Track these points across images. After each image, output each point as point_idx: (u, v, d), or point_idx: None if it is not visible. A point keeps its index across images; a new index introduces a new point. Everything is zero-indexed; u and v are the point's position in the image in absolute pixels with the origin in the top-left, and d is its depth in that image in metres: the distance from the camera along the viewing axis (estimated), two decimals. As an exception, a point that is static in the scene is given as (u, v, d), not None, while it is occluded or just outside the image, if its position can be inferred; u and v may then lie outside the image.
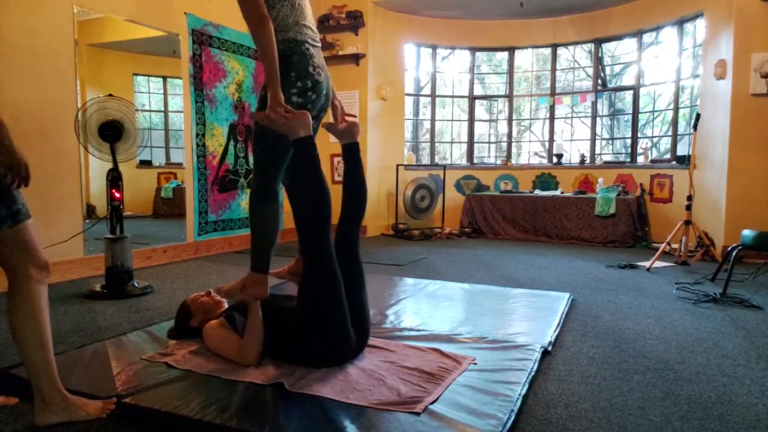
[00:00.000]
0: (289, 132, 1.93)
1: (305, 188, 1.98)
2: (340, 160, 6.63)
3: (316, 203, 1.96)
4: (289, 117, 1.90)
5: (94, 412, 1.67)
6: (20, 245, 1.60)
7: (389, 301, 3.13)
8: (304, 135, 1.92)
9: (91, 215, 4.29)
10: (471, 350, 2.25)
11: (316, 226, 1.97)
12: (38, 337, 1.63)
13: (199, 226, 4.94)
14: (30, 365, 1.63)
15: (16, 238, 1.59)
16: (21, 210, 1.60)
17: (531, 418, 1.69)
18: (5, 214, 1.55)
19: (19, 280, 1.62)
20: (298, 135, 1.92)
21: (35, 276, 1.63)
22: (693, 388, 1.96)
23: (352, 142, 2.27)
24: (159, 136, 5.58)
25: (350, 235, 2.22)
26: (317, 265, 1.98)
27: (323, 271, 1.97)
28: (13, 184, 1.54)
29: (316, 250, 1.97)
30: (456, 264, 4.66)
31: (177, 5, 4.61)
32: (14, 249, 1.59)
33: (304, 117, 1.93)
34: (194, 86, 4.80)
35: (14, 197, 1.58)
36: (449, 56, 7.86)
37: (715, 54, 5.07)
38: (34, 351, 1.62)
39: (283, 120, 1.90)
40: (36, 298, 1.63)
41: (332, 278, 1.97)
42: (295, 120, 1.91)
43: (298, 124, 1.91)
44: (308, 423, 1.60)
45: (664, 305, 3.21)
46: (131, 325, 2.69)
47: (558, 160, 7.04)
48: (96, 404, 1.70)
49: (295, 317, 2.02)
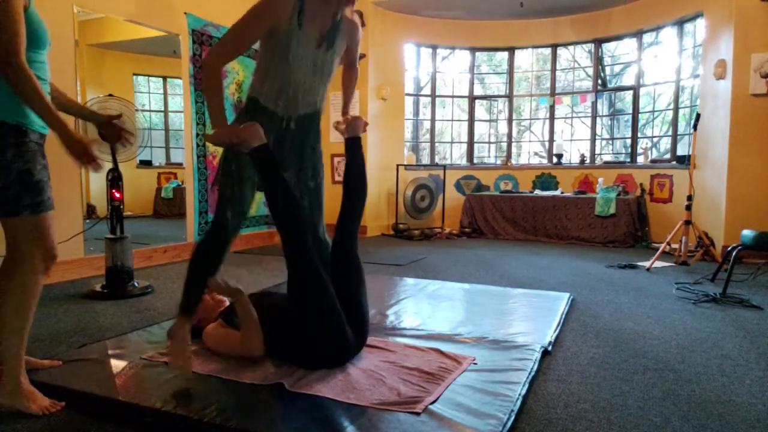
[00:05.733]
0: (241, 144, 1.94)
1: (271, 193, 2.01)
2: (340, 160, 6.63)
3: (283, 207, 1.99)
4: (238, 130, 1.93)
5: (34, 408, 1.69)
6: (35, 234, 1.70)
7: (389, 301, 3.13)
8: (257, 144, 1.94)
9: (91, 215, 4.29)
10: (471, 350, 2.25)
11: (287, 227, 2.00)
12: (20, 324, 1.70)
13: (200, 226, 4.94)
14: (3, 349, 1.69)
15: (33, 226, 1.69)
16: (44, 201, 1.70)
17: (531, 418, 1.69)
18: (28, 202, 1.66)
19: (23, 267, 1.69)
20: (252, 145, 1.94)
21: (39, 267, 1.71)
22: (693, 388, 1.96)
23: (352, 136, 2.28)
24: (159, 136, 5.59)
25: (348, 233, 2.22)
26: (295, 265, 2.00)
27: (303, 270, 1.99)
28: (84, 164, 1.71)
29: (291, 250, 2.01)
30: (456, 264, 4.66)
31: (177, 5, 4.61)
32: (28, 236, 1.69)
33: (254, 128, 1.94)
34: (194, 86, 4.80)
35: (42, 189, 1.70)
36: (449, 56, 7.86)
37: (715, 54, 5.07)
38: (12, 335, 1.69)
39: (233, 133, 1.92)
40: (32, 288, 1.71)
41: (314, 278, 1.98)
42: (246, 132, 1.92)
43: (250, 135, 1.93)
44: (308, 423, 1.60)
45: (664, 305, 3.21)
46: (131, 325, 2.69)
47: (558, 160, 7.04)
48: (43, 401, 1.72)
49: (289, 315, 2.04)
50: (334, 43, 2.07)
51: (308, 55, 2.02)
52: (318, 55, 2.05)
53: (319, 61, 2.06)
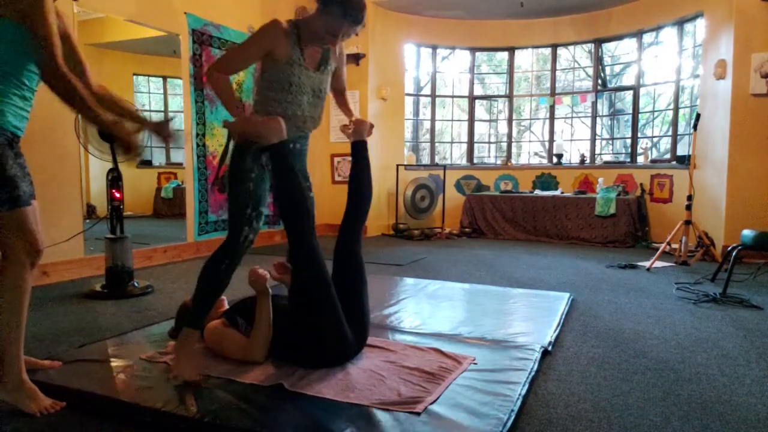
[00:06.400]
0: (261, 138, 1.94)
1: (283, 191, 2.01)
2: (340, 160, 6.63)
3: (293, 205, 2.00)
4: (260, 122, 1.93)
5: (34, 408, 1.69)
6: (16, 229, 1.69)
7: (389, 301, 3.13)
8: (276, 141, 1.94)
9: (91, 215, 4.29)
10: (471, 350, 2.25)
11: (296, 226, 2.01)
12: (15, 319, 1.71)
13: (200, 226, 4.94)
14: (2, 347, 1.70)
15: (13, 221, 1.68)
16: (21, 196, 1.69)
17: (531, 418, 1.69)
18: (5, 197, 1.65)
19: (10, 263, 1.70)
20: (271, 141, 1.93)
21: (24, 261, 1.71)
22: (693, 388, 1.96)
23: (357, 140, 2.28)
24: (159, 136, 5.58)
25: (352, 235, 2.23)
26: (302, 263, 2.01)
27: (308, 268, 1.99)
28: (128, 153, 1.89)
29: (298, 249, 2.01)
30: (456, 264, 4.66)
31: (177, 5, 4.61)
32: (10, 232, 1.69)
33: (276, 122, 1.94)
34: (194, 86, 4.80)
35: (16, 183, 1.68)
36: (449, 56, 7.86)
37: (715, 54, 5.07)
38: (9, 332, 1.70)
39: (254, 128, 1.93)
40: (22, 283, 1.71)
41: (319, 277, 1.98)
42: (267, 128, 1.92)
43: (270, 130, 1.93)
44: (308, 423, 1.60)
45: (664, 305, 3.21)
46: (132, 324, 2.69)
47: (558, 160, 7.04)
48: (43, 401, 1.72)
49: (290, 316, 2.03)
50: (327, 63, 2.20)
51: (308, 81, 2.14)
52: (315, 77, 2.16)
53: (317, 83, 2.18)
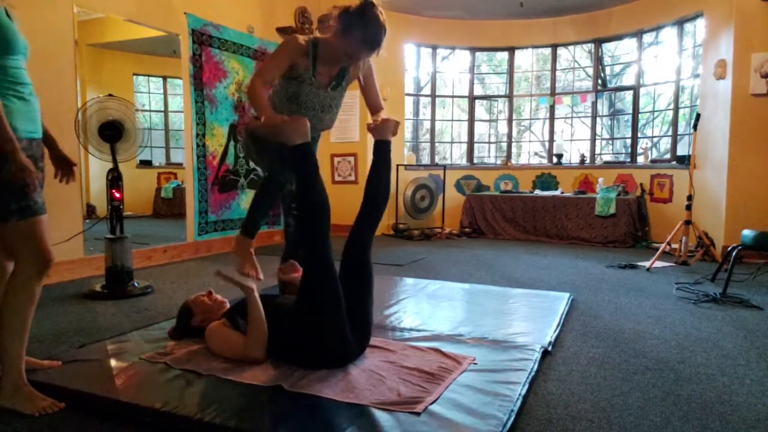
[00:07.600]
0: (285, 138, 1.93)
1: (304, 192, 2.01)
2: (340, 160, 6.63)
3: (314, 205, 2.00)
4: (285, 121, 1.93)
5: (32, 409, 1.70)
6: (26, 239, 1.72)
7: (389, 301, 3.13)
8: (300, 142, 1.93)
9: (91, 215, 4.29)
10: (471, 350, 2.25)
11: (314, 227, 2.00)
12: (20, 325, 1.73)
13: (200, 226, 4.94)
14: (3, 350, 1.73)
15: (23, 231, 1.71)
16: (31, 206, 1.71)
17: (531, 418, 1.69)
18: (15, 208, 1.68)
19: (21, 271, 1.73)
20: (294, 142, 1.93)
21: (34, 270, 1.74)
22: (693, 388, 1.96)
23: (380, 140, 2.26)
24: (159, 136, 5.59)
25: (363, 239, 2.19)
26: (314, 263, 2.00)
27: (320, 269, 1.99)
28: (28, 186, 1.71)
29: (313, 249, 2.01)
30: (456, 264, 4.65)
31: (177, 5, 4.61)
32: (20, 241, 1.72)
33: (301, 123, 1.93)
34: (194, 86, 4.80)
35: (27, 194, 1.70)
36: (449, 56, 7.86)
37: (715, 54, 5.07)
38: (12, 339, 1.73)
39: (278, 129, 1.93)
40: (30, 291, 1.74)
41: (328, 276, 1.98)
42: (291, 129, 1.92)
43: (294, 130, 1.92)
44: (308, 423, 1.60)
45: (664, 305, 3.21)
46: (131, 325, 2.69)
47: (558, 160, 7.04)
48: (42, 402, 1.72)
49: (292, 316, 2.03)
50: (342, 80, 2.29)
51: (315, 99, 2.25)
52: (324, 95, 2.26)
53: (326, 101, 2.27)
